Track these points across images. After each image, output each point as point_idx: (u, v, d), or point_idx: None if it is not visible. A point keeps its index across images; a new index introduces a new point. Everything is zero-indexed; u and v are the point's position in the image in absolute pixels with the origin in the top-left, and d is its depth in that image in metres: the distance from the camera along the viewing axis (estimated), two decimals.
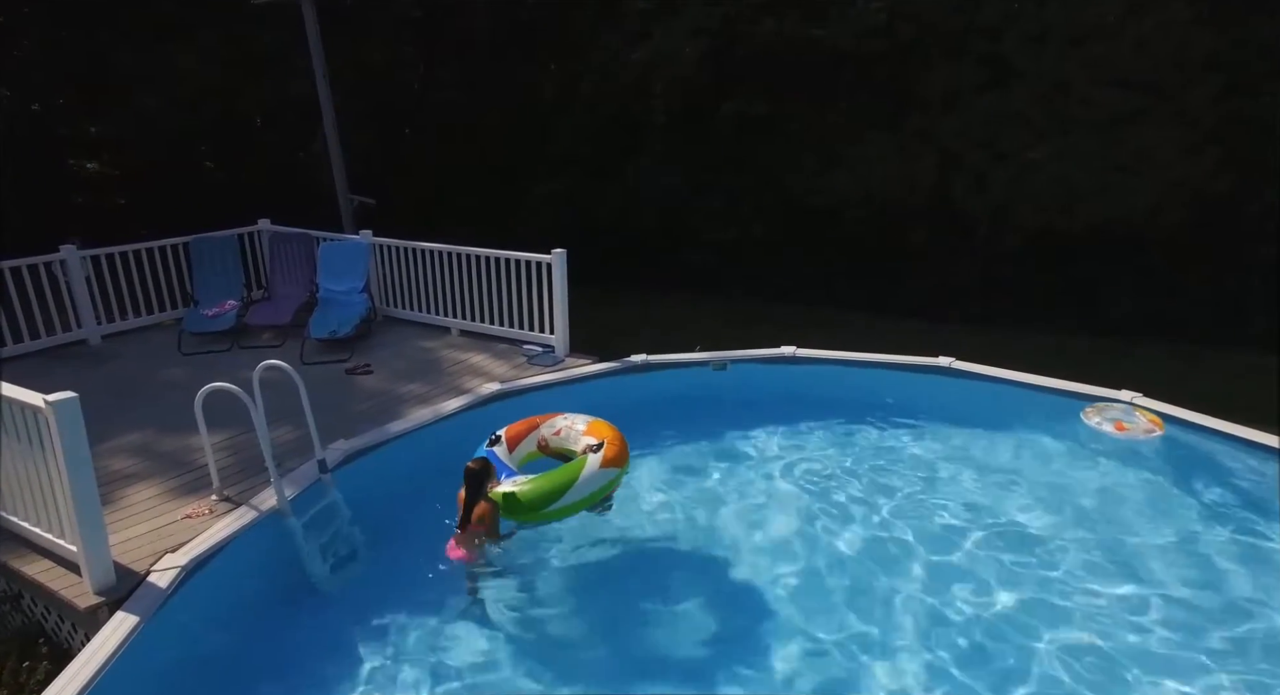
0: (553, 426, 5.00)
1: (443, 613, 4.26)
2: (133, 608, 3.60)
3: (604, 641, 4.15)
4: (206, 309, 7.71)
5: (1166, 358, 8.10)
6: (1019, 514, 5.09)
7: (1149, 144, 8.70)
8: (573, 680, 3.85)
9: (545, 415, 5.07)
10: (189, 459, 5.19)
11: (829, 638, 4.07)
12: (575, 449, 4.81)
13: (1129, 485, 5.47)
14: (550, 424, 5.01)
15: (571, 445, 4.88)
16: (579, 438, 4.84)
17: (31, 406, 3.57)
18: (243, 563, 4.22)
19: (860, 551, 4.75)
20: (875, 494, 5.36)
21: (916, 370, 6.70)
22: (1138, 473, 5.56)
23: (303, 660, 3.92)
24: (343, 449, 5.26)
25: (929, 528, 4.95)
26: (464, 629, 4.16)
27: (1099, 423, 5.81)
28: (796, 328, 7.66)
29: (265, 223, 8.73)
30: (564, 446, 4.93)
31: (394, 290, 8.17)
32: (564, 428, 4.96)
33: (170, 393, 6.33)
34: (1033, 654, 3.91)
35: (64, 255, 7.28)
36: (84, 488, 3.62)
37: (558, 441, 4.95)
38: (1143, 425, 5.69)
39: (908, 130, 9.96)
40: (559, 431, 4.97)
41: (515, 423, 4.99)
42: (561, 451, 4.94)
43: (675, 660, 4.02)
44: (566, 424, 4.98)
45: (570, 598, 4.49)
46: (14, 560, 3.99)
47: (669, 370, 6.84)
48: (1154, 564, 4.58)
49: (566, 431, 4.94)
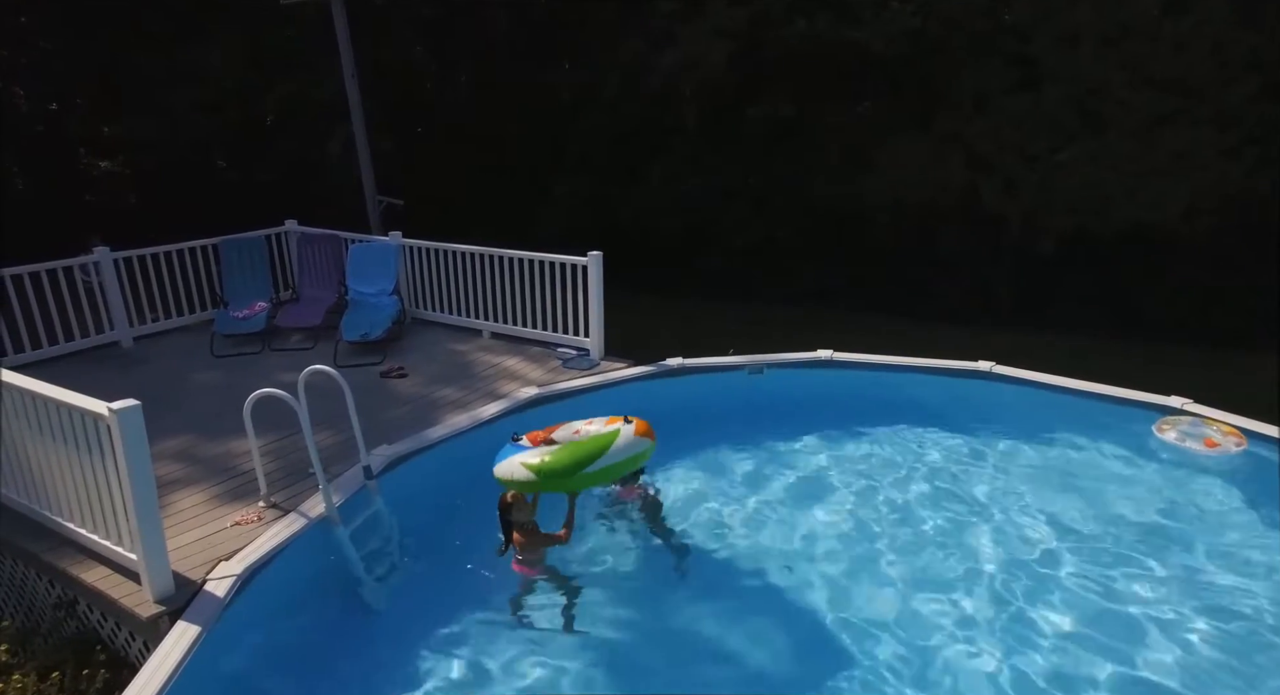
0: (572, 428, 4.94)
1: (490, 621, 4.24)
2: (193, 617, 3.57)
3: (649, 646, 4.12)
4: (236, 311, 7.69)
5: (1204, 362, 8.01)
6: (1084, 523, 4.99)
7: (1184, 146, 8.62)
8: (617, 685, 3.80)
9: (559, 423, 4.99)
10: (232, 464, 5.16)
11: (875, 642, 4.03)
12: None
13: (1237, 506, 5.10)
14: (568, 427, 4.96)
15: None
16: (602, 429, 4.79)
17: (94, 414, 3.54)
18: (295, 571, 4.19)
19: (906, 558, 4.71)
20: (921, 500, 5.30)
21: (956, 374, 6.64)
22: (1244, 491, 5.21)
23: (358, 669, 3.90)
24: (385, 455, 5.22)
25: (983, 537, 4.90)
26: (514, 636, 4.13)
27: (1178, 438, 5.52)
28: (824, 332, 7.60)
29: (293, 223, 8.70)
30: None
31: (423, 292, 8.14)
32: (583, 429, 4.90)
33: (206, 396, 6.32)
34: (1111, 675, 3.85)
35: (98, 257, 7.26)
36: (145, 496, 3.59)
37: (585, 431, 4.88)
38: (1232, 439, 5.41)
39: (936, 133, 9.88)
40: (578, 432, 4.91)
41: (533, 431, 4.89)
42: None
43: (723, 663, 3.98)
44: (586, 425, 4.92)
45: (615, 606, 4.45)
46: (72, 567, 3.96)
47: (705, 374, 6.80)
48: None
49: (588, 429, 4.88)
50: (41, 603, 4.25)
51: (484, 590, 4.44)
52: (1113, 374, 6.41)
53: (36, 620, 4.31)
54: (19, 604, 4.48)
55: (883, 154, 10.07)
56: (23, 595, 4.42)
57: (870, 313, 9.63)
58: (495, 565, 4.59)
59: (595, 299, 6.93)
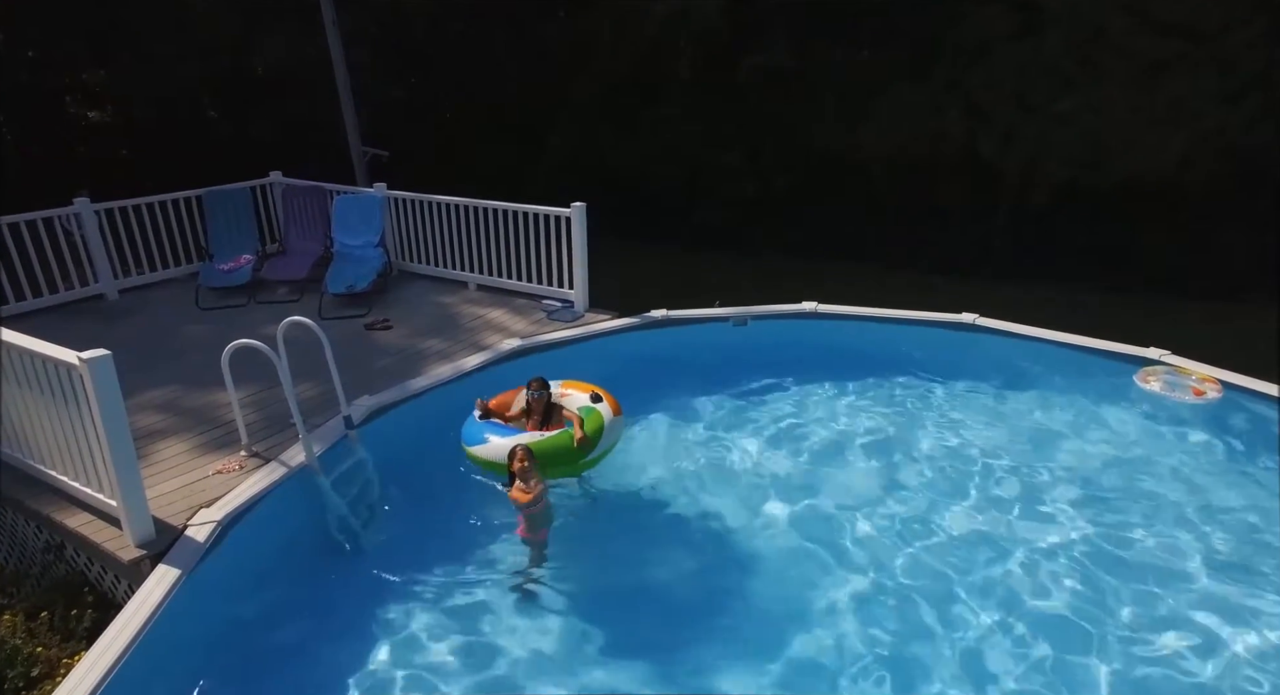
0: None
1: (471, 565, 4.34)
2: (174, 561, 3.67)
3: (630, 594, 4.22)
4: (222, 263, 7.67)
5: (1197, 315, 7.97)
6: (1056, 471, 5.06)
7: (1184, 92, 8.40)
8: (595, 628, 3.92)
9: (515, 389, 5.01)
10: (215, 415, 5.22)
11: (852, 584, 4.13)
12: (570, 408, 4.82)
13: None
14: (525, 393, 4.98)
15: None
16: (561, 400, 4.87)
17: (65, 363, 3.57)
18: (276, 517, 4.28)
19: (881, 506, 4.79)
20: (897, 450, 5.37)
21: (940, 326, 6.65)
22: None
23: (339, 613, 4.02)
24: (366, 405, 5.27)
25: (955, 485, 4.97)
26: (494, 581, 4.23)
27: (1163, 388, 5.54)
28: (818, 284, 7.58)
29: (277, 175, 8.60)
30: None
31: (409, 244, 8.09)
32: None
33: (191, 348, 6.35)
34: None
35: (78, 208, 7.20)
36: (121, 445, 3.65)
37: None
38: (1211, 387, 5.46)
39: (936, 81, 9.64)
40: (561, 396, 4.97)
41: (489, 399, 4.92)
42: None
43: (697, 617, 4.09)
44: (559, 394, 4.96)
45: (591, 551, 4.54)
46: (55, 512, 4.05)
47: (689, 326, 6.81)
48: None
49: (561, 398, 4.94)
50: (31, 547, 4.36)
51: (465, 537, 4.54)
52: (1105, 326, 6.40)
53: (28, 563, 4.43)
54: (11, 548, 4.60)
55: (880, 103, 9.85)
56: (14, 540, 4.53)
57: (863, 264, 9.57)
58: (477, 513, 4.69)
59: (579, 251, 6.90)
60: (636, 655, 3.76)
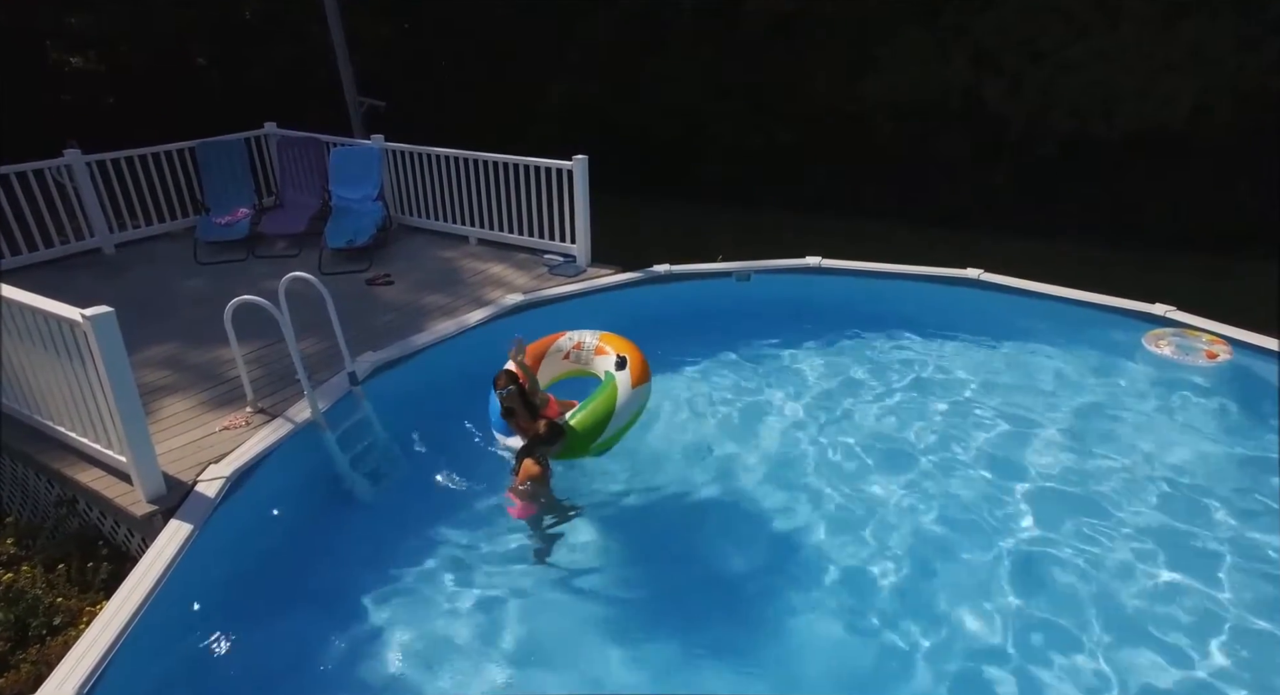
0: (571, 341, 4.96)
1: (479, 521, 4.39)
2: (185, 516, 3.71)
3: (636, 557, 4.27)
4: (218, 217, 7.56)
5: (1205, 270, 7.91)
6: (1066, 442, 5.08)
7: (1202, 36, 8.15)
8: (598, 584, 4.01)
9: (554, 335, 5.00)
10: (219, 371, 5.22)
11: (863, 552, 4.19)
12: (594, 370, 4.81)
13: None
14: (566, 340, 4.97)
15: (588, 365, 4.88)
16: (592, 357, 4.84)
17: (69, 320, 3.55)
18: (283, 472, 4.32)
19: (886, 465, 4.83)
20: (900, 407, 5.40)
21: (944, 281, 6.61)
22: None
23: (348, 568, 4.08)
24: (371, 361, 5.28)
25: (958, 443, 5.01)
26: (499, 538, 4.30)
27: (1174, 352, 5.43)
28: (822, 237, 7.50)
29: (272, 126, 8.41)
30: (582, 366, 4.93)
31: (409, 198, 7.97)
32: (579, 343, 4.93)
33: (191, 303, 6.31)
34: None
35: (68, 159, 7.06)
36: (128, 401, 3.65)
37: (577, 355, 4.94)
38: (1222, 349, 5.35)
39: (942, 26, 9.36)
40: (578, 345, 4.94)
41: (529, 342, 4.82)
42: (581, 372, 4.94)
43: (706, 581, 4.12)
44: (579, 339, 4.94)
45: (598, 515, 4.59)
46: (67, 468, 4.09)
47: (692, 281, 6.76)
48: None
49: (581, 349, 4.92)
50: (44, 501, 4.42)
51: (469, 492, 4.59)
52: (1112, 280, 6.34)
53: (42, 517, 4.50)
54: (24, 502, 4.66)
55: (886, 49, 9.58)
56: (26, 494, 4.59)
57: (868, 217, 9.47)
58: (482, 467, 4.73)
59: (581, 204, 6.80)
60: (644, 612, 3.84)
